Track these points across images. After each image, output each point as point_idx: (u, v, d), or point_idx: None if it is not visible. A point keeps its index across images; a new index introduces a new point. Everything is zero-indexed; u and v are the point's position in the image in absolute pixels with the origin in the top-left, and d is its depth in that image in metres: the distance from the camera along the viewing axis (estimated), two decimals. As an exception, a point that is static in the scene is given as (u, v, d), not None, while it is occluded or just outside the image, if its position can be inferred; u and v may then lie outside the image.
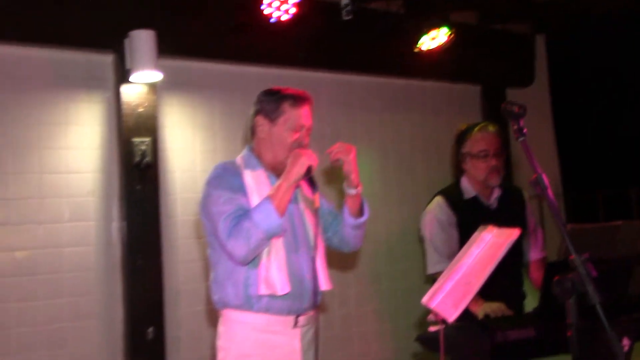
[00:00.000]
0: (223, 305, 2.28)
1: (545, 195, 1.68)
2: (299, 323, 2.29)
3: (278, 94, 2.33)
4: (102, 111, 3.38)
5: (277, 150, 2.30)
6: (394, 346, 4.13)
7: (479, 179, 3.07)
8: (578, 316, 1.65)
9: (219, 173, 2.28)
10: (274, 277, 2.19)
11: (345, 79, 4.12)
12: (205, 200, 2.26)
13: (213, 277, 2.32)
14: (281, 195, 2.14)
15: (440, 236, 3.02)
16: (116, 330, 3.32)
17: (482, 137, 3.06)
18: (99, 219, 3.34)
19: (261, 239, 2.10)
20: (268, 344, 2.24)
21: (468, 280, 2.27)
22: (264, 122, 2.32)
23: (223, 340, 2.29)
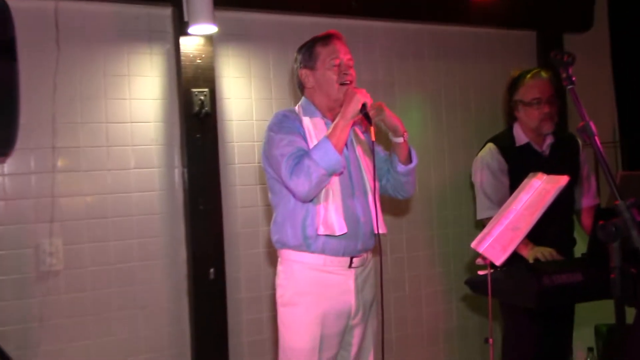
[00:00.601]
0: (282, 245, 2.43)
1: (592, 142, 1.72)
2: (354, 264, 2.43)
3: (309, 43, 2.49)
4: (163, 63, 3.50)
5: (327, 91, 2.44)
6: (443, 289, 4.24)
7: (531, 127, 3.07)
8: (621, 260, 1.70)
9: (279, 119, 2.41)
10: (332, 219, 2.31)
11: (399, 27, 4.12)
12: (266, 146, 2.39)
13: (274, 219, 2.47)
14: (339, 133, 2.26)
15: (491, 183, 3.05)
16: (180, 271, 3.52)
17: (534, 84, 3.04)
18: (162, 165, 3.51)
19: (322, 175, 2.21)
20: (324, 282, 2.38)
21: (516, 225, 2.34)
22: (307, 72, 2.48)
23: (282, 279, 2.45)
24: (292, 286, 2.40)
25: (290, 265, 2.42)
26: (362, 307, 2.46)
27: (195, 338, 3.47)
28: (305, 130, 2.39)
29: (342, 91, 2.40)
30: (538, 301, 2.42)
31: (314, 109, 2.47)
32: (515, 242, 2.28)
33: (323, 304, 2.37)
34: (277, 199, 2.45)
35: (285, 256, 2.44)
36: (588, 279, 2.46)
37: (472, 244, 2.42)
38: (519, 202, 2.41)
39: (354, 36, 3.99)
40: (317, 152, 2.23)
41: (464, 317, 4.30)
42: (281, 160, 2.27)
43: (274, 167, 2.35)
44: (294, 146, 2.30)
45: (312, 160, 2.21)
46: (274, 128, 2.38)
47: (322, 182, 2.26)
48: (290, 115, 2.44)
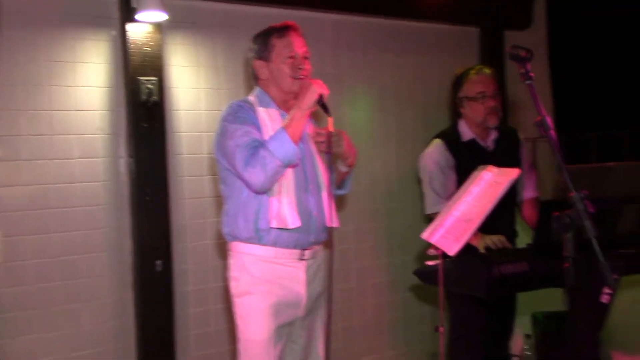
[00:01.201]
0: (233, 237, 2.42)
1: (548, 137, 1.79)
2: (305, 256, 2.43)
3: (264, 33, 2.46)
4: (109, 49, 3.40)
5: (280, 83, 2.42)
6: (389, 280, 4.31)
7: (477, 121, 3.15)
8: (574, 250, 1.77)
9: (234, 109, 2.38)
10: (285, 212, 2.31)
11: (348, 19, 4.14)
12: (221, 136, 2.36)
13: (225, 210, 2.44)
14: (295, 124, 2.25)
15: (438, 178, 3.12)
16: (125, 263, 3.44)
17: (478, 80, 3.13)
18: (108, 155, 3.41)
19: (277, 165, 2.20)
20: (276, 273, 2.38)
21: (468, 217, 2.39)
22: (261, 64, 2.45)
23: (234, 271, 2.44)
24: (246, 277, 2.39)
25: (241, 258, 2.41)
26: (312, 299, 2.48)
27: (140, 332, 3.41)
28: (260, 121, 2.37)
29: (295, 85, 2.39)
30: (487, 290, 2.49)
31: (269, 99, 2.45)
32: (469, 232, 2.33)
33: (276, 293, 2.37)
34: (229, 191, 2.42)
35: (236, 249, 2.43)
36: (533, 269, 2.55)
37: (423, 235, 2.45)
38: (469, 194, 2.47)
39: (303, 27, 3.92)
40: (273, 143, 2.22)
41: (409, 307, 4.38)
42: (236, 150, 2.25)
43: (228, 158, 2.32)
44: (249, 137, 2.27)
45: (267, 150, 2.20)
46: (228, 118, 2.35)
47: (278, 174, 2.24)
48: (244, 105, 2.41)
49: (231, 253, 2.46)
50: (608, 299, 2.45)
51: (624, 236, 2.75)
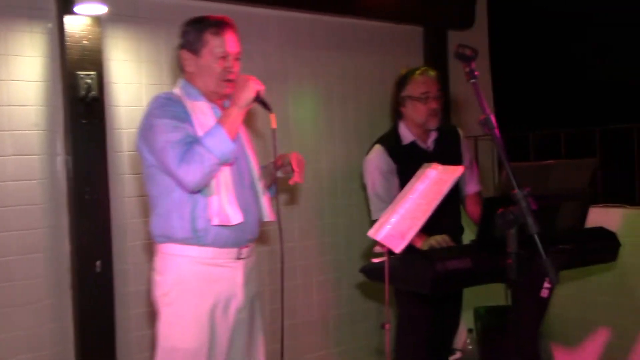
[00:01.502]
0: (166, 239, 2.28)
1: (493, 135, 1.81)
2: (242, 254, 2.35)
3: (200, 24, 2.32)
4: (45, 42, 3.27)
5: (206, 80, 2.30)
6: (334, 277, 4.31)
7: (418, 122, 3.18)
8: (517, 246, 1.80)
9: (161, 103, 2.24)
10: (226, 208, 2.21)
11: (293, 16, 4.11)
12: (147, 132, 2.21)
13: (155, 211, 2.30)
14: (232, 121, 2.17)
15: (381, 184, 3.14)
16: (63, 264, 3.33)
17: (423, 81, 3.16)
18: (44, 152, 3.29)
19: (214, 163, 2.11)
20: (211, 276, 2.27)
21: (414, 214, 2.41)
22: (188, 55, 2.32)
23: (164, 275, 2.29)
24: (177, 282, 2.26)
25: (173, 260, 2.27)
26: (248, 300, 2.40)
27: (79, 335, 3.30)
28: (190, 114, 2.24)
29: (221, 87, 2.30)
30: (432, 287, 2.51)
31: (197, 92, 2.32)
32: (414, 229, 2.35)
33: (210, 300, 2.26)
34: (158, 190, 2.28)
35: (168, 250, 2.28)
36: (477, 265, 2.59)
37: (369, 233, 2.45)
38: (415, 192, 2.48)
39: (248, 24, 3.94)
40: (209, 139, 2.13)
41: (355, 304, 4.40)
42: (167, 146, 2.12)
43: (158, 155, 2.18)
44: (181, 132, 2.15)
45: (204, 147, 2.10)
46: (155, 112, 2.21)
47: (213, 172, 2.15)
48: (172, 98, 2.27)
49: (161, 255, 2.31)
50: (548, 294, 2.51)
51: (563, 232, 2.83)
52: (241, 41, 3.77)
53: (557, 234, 2.81)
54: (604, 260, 3.04)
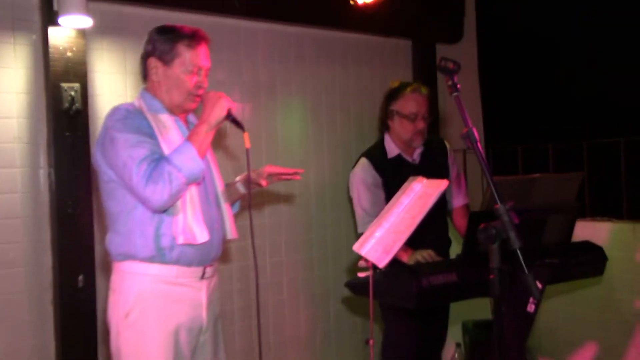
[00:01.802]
0: (126, 257, 2.15)
1: (474, 148, 1.79)
2: (206, 274, 2.24)
3: (172, 34, 2.21)
4: (29, 54, 3.24)
5: (173, 93, 2.20)
6: (321, 292, 4.27)
7: (403, 138, 3.17)
8: (500, 261, 1.78)
9: (123, 115, 2.12)
10: (192, 226, 2.11)
11: (281, 29, 4.10)
12: (107, 146, 2.09)
13: (114, 228, 2.19)
14: (202, 139, 2.08)
15: (367, 197, 3.12)
16: (45, 279, 3.27)
17: (414, 98, 3.13)
18: (26, 165, 3.25)
19: (183, 183, 2.02)
20: (174, 297, 2.16)
21: (398, 228, 2.39)
22: (157, 64, 2.20)
23: (124, 294, 2.16)
24: (138, 302, 2.13)
25: (134, 279, 2.14)
26: (211, 322, 2.30)
27: (60, 352, 3.24)
28: (154, 128, 2.13)
29: (188, 101, 2.21)
30: (417, 301, 2.49)
31: (159, 104, 2.21)
32: (398, 244, 2.33)
33: (174, 320, 2.16)
34: (119, 206, 2.15)
35: (128, 268, 2.15)
36: (462, 279, 2.57)
37: (354, 247, 2.43)
38: (400, 205, 2.46)
39: (235, 36, 3.92)
40: (178, 157, 2.02)
41: (342, 319, 4.36)
42: (131, 163, 2.00)
43: (120, 172, 2.06)
44: (146, 148, 2.04)
45: (172, 165, 2.00)
46: (117, 126, 2.08)
47: (181, 191, 2.05)
48: (133, 110, 2.15)
49: (120, 275, 2.17)
50: (533, 308, 2.49)
51: (549, 246, 2.81)
52: (228, 54, 3.79)
53: (543, 247, 2.79)
54: (591, 274, 3.02)
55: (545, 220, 2.79)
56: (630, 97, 4.30)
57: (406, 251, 2.91)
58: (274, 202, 4.06)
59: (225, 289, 3.75)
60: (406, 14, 4.54)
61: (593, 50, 4.50)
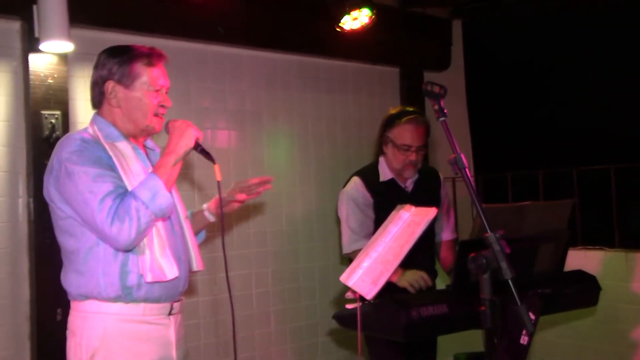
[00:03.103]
0: (86, 297, 1.99)
1: (463, 175, 1.73)
2: (174, 310, 2.11)
3: (128, 54, 2.08)
4: (9, 81, 3.19)
5: (136, 116, 2.06)
6: (309, 323, 4.17)
7: (394, 167, 3.11)
8: (491, 291, 1.71)
9: (78, 146, 1.94)
10: (160, 262, 1.97)
11: (267, 56, 4.07)
12: (63, 181, 1.92)
13: (72, 267, 2.01)
14: (169, 172, 1.96)
15: (356, 217, 3.04)
16: (22, 312, 3.18)
17: (409, 130, 3.03)
18: (5, 195, 3.18)
19: (151, 220, 1.89)
20: (141, 337, 2.01)
21: (386, 258, 2.31)
22: (117, 88, 2.05)
23: (84, 338, 1.97)
24: (102, 344, 1.96)
25: (96, 319, 1.97)
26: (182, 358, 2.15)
27: (38, 387, 3.13)
28: (113, 159, 1.97)
29: (154, 122, 2.07)
30: (406, 334, 2.40)
31: (116, 131, 2.05)
32: (386, 275, 2.25)
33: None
34: (78, 244, 1.97)
35: (90, 308, 1.98)
36: (453, 310, 2.48)
37: (341, 278, 2.35)
38: (387, 234, 2.39)
39: (220, 63, 3.88)
40: (145, 192, 1.88)
41: (329, 352, 4.25)
42: (92, 200, 1.85)
43: (80, 208, 1.90)
44: (109, 182, 1.89)
45: (139, 201, 1.86)
46: (73, 158, 1.91)
47: (149, 228, 1.92)
48: (89, 140, 1.98)
49: (79, 314, 2.00)
50: (527, 340, 2.41)
51: (541, 275, 2.74)
52: (213, 81, 3.74)
53: (535, 277, 2.72)
54: (584, 304, 2.95)
55: (536, 249, 2.72)
56: (619, 124, 4.29)
57: (396, 271, 2.83)
58: (260, 232, 3.98)
59: (192, 324, 3.63)
60: (393, 41, 4.53)
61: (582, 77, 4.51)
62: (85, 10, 3.25)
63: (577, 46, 4.51)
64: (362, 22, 3.84)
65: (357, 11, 3.80)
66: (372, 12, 3.81)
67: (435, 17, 4.89)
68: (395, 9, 4.56)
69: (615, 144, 4.28)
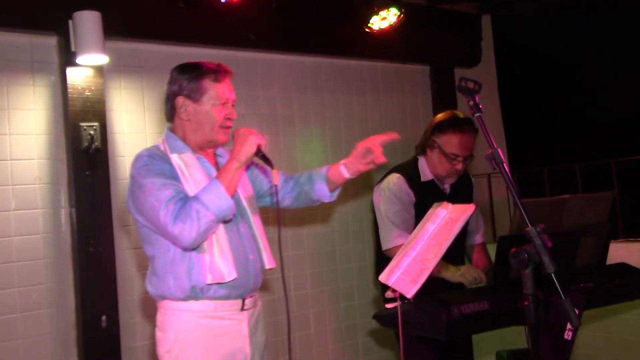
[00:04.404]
0: (163, 298, 2.19)
1: (501, 169, 1.72)
2: (246, 306, 2.24)
3: (197, 71, 2.24)
4: (48, 95, 3.27)
5: (205, 129, 2.22)
6: (348, 324, 4.18)
7: (437, 172, 3.09)
8: (534, 286, 1.70)
9: (145, 162, 2.14)
10: (219, 264, 2.11)
11: (297, 60, 4.10)
12: (136, 193, 2.12)
13: (152, 270, 2.22)
14: (231, 176, 2.08)
15: (399, 213, 3.02)
16: (69, 320, 3.25)
17: (460, 140, 2.98)
18: (47, 206, 3.25)
19: (211, 221, 2.02)
20: (215, 331, 2.17)
21: (425, 256, 2.31)
22: (187, 103, 2.22)
23: (166, 331, 2.19)
24: (180, 339, 2.16)
25: (175, 315, 2.17)
26: (258, 352, 2.28)
27: (86, 393, 3.19)
28: (177, 169, 2.15)
29: (220, 134, 2.23)
30: (448, 332, 2.37)
31: (182, 143, 2.23)
32: (425, 273, 2.24)
33: (216, 354, 2.16)
34: (153, 250, 2.19)
35: (169, 306, 2.19)
36: (494, 307, 2.46)
37: (381, 277, 2.36)
38: (426, 232, 2.39)
39: (252, 69, 3.92)
40: (207, 195, 2.03)
41: (369, 352, 4.25)
42: (158, 206, 2.02)
43: (148, 216, 2.09)
44: (172, 189, 2.05)
45: (200, 203, 2.00)
46: (141, 172, 2.11)
47: (211, 229, 2.05)
48: (155, 155, 2.17)
49: (163, 310, 2.21)
50: (571, 335, 2.38)
51: (583, 269, 2.70)
52: (245, 87, 3.79)
53: (577, 271, 2.68)
54: (629, 297, 2.89)
55: (577, 242, 2.68)
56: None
57: (446, 268, 2.83)
58: (296, 234, 4.00)
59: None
60: (422, 39, 4.52)
61: (615, 68, 4.42)
62: (119, 23, 3.31)
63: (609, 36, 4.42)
64: (391, 22, 3.83)
65: (385, 11, 3.80)
66: (400, 11, 3.80)
67: (464, 13, 4.86)
68: (423, 6, 4.54)
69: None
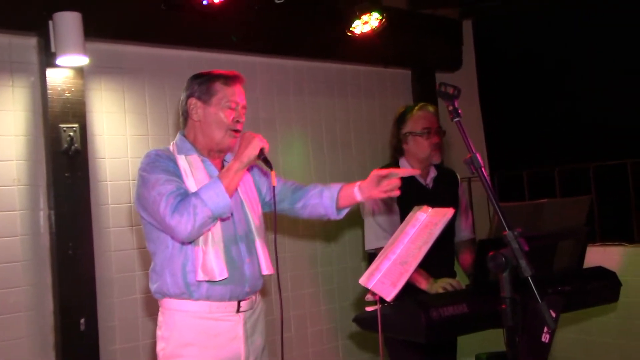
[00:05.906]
0: (162, 294, 2.26)
1: (479, 174, 1.74)
2: (242, 308, 2.29)
3: (209, 75, 2.33)
4: (27, 96, 3.24)
5: (214, 131, 2.29)
6: (329, 327, 4.18)
7: (421, 157, 3.12)
8: (511, 290, 1.71)
9: (152, 159, 2.23)
10: (211, 263, 2.17)
11: (279, 63, 4.10)
12: (140, 188, 2.20)
13: (152, 267, 2.29)
14: (232, 176, 2.14)
15: (382, 212, 3.04)
16: (47, 322, 3.22)
17: (423, 116, 3.13)
18: (26, 208, 3.22)
19: (207, 216, 2.08)
20: (210, 331, 2.23)
21: (404, 259, 2.32)
22: (198, 104, 2.30)
23: (163, 330, 2.27)
24: (175, 338, 2.22)
25: (172, 315, 2.24)
26: (253, 354, 2.32)
27: (64, 397, 3.16)
28: (181, 169, 2.23)
29: (228, 137, 2.29)
30: (427, 335, 2.40)
31: (190, 146, 2.32)
32: (405, 276, 2.25)
33: (209, 354, 2.21)
34: (154, 247, 2.27)
35: (167, 305, 2.26)
36: (473, 310, 2.48)
37: (361, 280, 2.36)
38: (405, 236, 2.40)
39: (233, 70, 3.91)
40: (206, 192, 2.09)
41: (351, 355, 4.25)
42: (159, 199, 2.10)
43: (150, 209, 2.16)
44: (174, 184, 2.14)
45: (199, 199, 2.07)
46: (147, 169, 2.20)
47: (206, 225, 2.11)
48: (163, 154, 2.27)
49: (162, 310, 2.29)
50: (548, 338, 2.40)
51: (561, 273, 2.74)
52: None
53: (555, 275, 2.71)
54: (605, 301, 2.93)
55: (555, 246, 2.71)
56: (633, 118, 4.26)
57: (427, 279, 2.84)
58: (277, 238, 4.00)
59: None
60: (404, 43, 4.54)
61: (594, 73, 4.48)
62: (100, 24, 3.29)
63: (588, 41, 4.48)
64: (373, 26, 3.85)
65: (367, 15, 3.82)
66: (382, 15, 3.82)
67: (445, 18, 4.90)
68: (405, 11, 4.57)
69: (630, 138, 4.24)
